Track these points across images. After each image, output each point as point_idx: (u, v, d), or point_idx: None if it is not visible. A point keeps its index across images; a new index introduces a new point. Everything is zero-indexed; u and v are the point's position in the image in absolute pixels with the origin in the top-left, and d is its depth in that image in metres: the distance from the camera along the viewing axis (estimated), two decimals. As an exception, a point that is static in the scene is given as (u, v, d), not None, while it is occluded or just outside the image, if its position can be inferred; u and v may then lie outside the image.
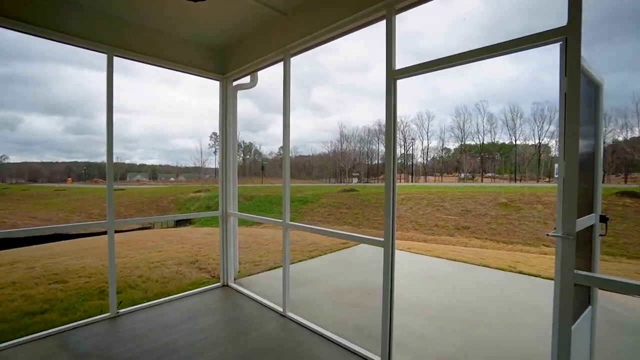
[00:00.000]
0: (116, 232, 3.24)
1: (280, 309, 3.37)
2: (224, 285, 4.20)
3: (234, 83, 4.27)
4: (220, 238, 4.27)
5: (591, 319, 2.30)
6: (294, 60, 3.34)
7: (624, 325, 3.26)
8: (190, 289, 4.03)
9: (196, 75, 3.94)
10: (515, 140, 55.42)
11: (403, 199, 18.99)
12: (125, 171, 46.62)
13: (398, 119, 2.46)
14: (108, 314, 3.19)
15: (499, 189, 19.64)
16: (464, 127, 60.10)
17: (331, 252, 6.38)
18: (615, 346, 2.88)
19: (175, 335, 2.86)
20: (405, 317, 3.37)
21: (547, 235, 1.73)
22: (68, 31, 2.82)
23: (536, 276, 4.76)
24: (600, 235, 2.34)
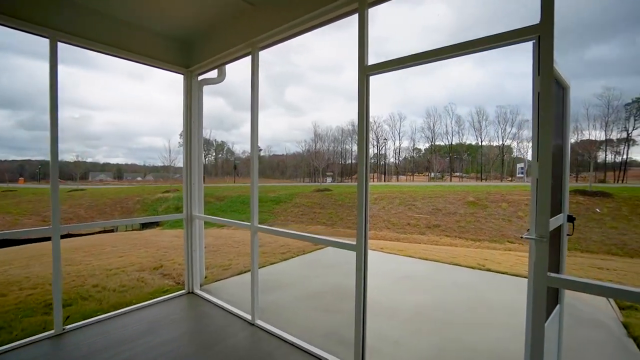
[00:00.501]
0: (73, 236, 2.88)
1: (249, 317, 3.18)
2: (189, 293, 3.93)
3: (200, 77, 4.01)
4: (184, 242, 3.99)
5: (559, 317, 2.33)
6: (268, 58, 3.20)
7: (582, 319, 3.40)
8: (152, 298, 3.73)
9: (157, 67, 3.65)
10: (481, 141, 58.29)
11: (376, 199, 19.22)
12: (87, 170, 43.68)
13: (371, 119, 2.38)
14: (52, 331, 2.84)
15: (467, 188, 20.45)
16: (434, 128, 62.42)
17: (304, 254, 6.24)
18: (575, 339, 2.98)
19: (132, 352, 2.60)
20: (378, 320, 3.30)
21: (521, 237, 1.69)
22: (2, 10, 2.47)
23: (504, 273, 4.90)
24: (568, 234, 2.38)
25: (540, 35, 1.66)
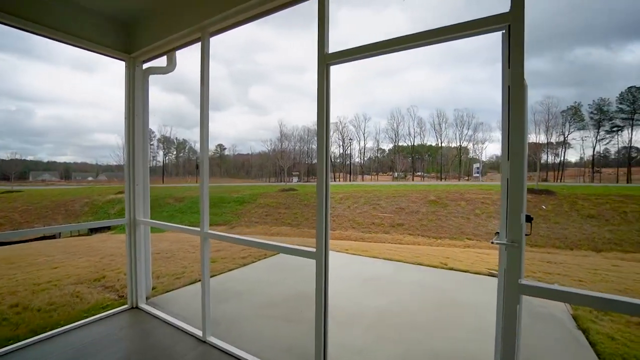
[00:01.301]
0: (4, 244, 2.34)
1: (200, 333, 2.84)
2: (132, 308, 3.48)
3: (145, 65, 3.57)
4: (127, 250, 3.53)
5: (517, 316, 2.29)
6: (229, 55, 3.05)
7: (535, 313, 3.49)
8: (87, 317, 3.24)
9: (91, 50, 3.17)
10: (441, 143, 61.44)
11: (341, 198, 19.26)
12: (27, 169, 39.30)
13: (337, 119, 2.19)
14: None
15: (428, 187, 21.21)
16: (397, 129, 64.93)
17: (266, 258, 5.93)
18: (531, 333, 3.01)
19: (50, 387, 2.16)
20: (342, 328, 3.12)
21: (492, 242, 1.57)
22: None
23: (465, 272, 4.97)
24: (526, 234, 2.35)
25: (510, 25, 1.54)
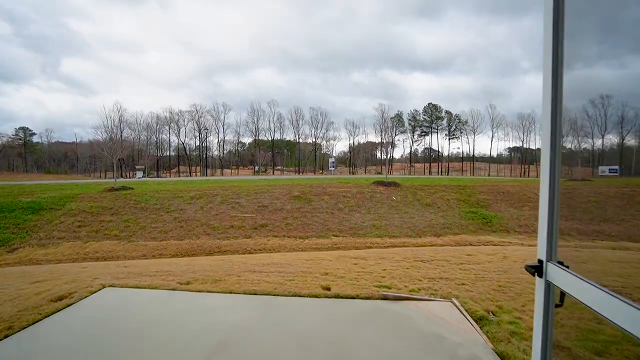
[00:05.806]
0: None
1: None
2: None
3: None
4: None
5: None
6: (19, 8, 0.30)
7: (456, 356, 2.43)
8: None
9: None
10: (299, 138, 64.88)
11: (192, 197, 15.99)
12: None
13: (191, 108, 0.16)
14: None
15: (291, 182, 20.50)
16: (257, 123, 64.49)
17: (37, 322, 2.97)
18: None
19: None
20: None
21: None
22: None
23: (354, 297, 3.70)
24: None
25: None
